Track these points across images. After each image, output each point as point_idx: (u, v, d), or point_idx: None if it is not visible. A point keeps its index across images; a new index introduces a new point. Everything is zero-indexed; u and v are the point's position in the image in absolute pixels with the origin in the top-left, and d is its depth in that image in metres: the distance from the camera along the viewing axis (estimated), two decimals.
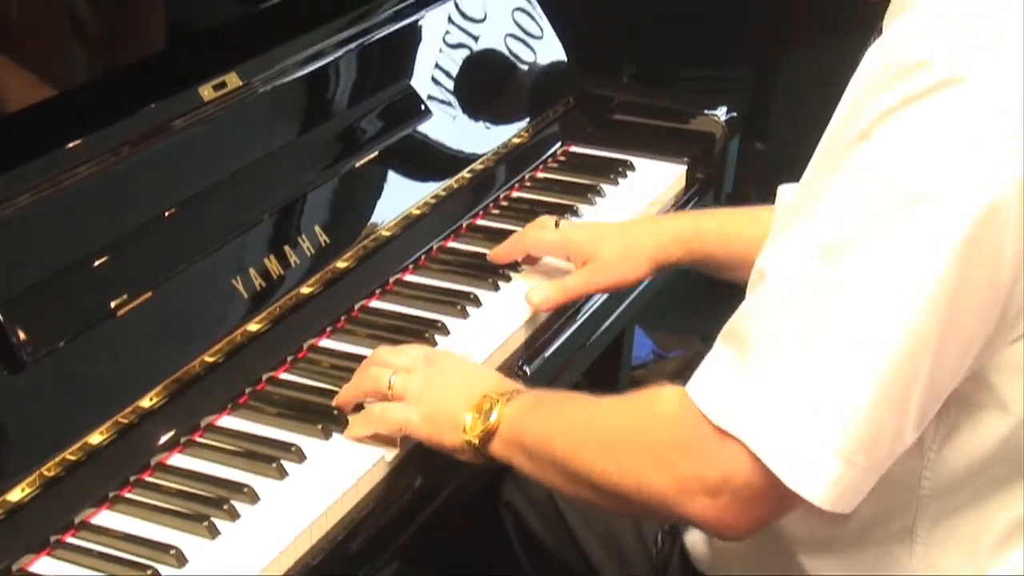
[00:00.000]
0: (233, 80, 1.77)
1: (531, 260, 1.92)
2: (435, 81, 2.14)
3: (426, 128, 2.07)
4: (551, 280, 1.83)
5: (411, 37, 2.14)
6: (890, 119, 1.17)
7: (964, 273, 1.17)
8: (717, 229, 1.80)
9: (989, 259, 1.17)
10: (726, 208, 1.89)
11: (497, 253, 1.90)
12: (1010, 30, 1.18)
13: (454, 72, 2.18)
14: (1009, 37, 1.18)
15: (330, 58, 1.95)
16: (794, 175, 1.44)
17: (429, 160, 2.07)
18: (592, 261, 1.81)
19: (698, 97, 2.49)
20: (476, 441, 1.46)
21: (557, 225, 1.88)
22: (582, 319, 1.90)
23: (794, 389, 1.20)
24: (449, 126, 2.12)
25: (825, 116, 1.32)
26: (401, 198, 1.97)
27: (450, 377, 1.52)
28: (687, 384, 1.29)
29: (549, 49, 2.39)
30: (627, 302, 2.03)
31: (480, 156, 2.14)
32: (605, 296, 1.93)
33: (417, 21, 2.14)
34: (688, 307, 1.86)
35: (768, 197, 2.44)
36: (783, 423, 1.20)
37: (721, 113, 2.33)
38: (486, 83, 2.27)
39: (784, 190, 1.48)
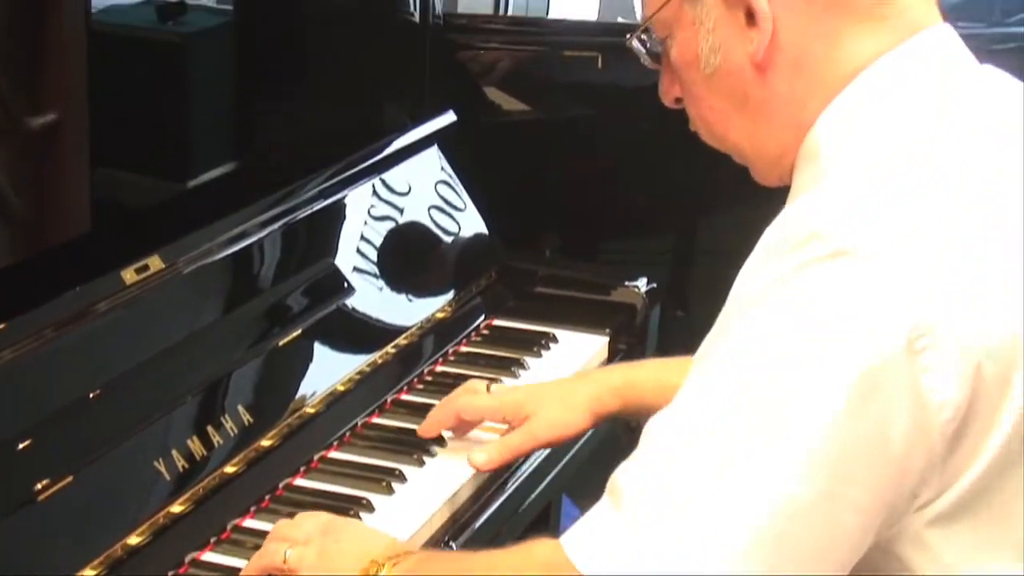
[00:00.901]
0: (156, 263, 1.78)
1: (459, 430, 1.92)
2: (360, 255, 2.16)
3: (351, 304, 2.09)
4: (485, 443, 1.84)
5: (335, 214, 2.17)
6: (782, 284, 1.20)
7: (850, 437, 1.17)
8: (651, 379, 1.82)
9: (876, 424, 1.17)
10: (656, 359, 1.93)
11: (426, 427, 1.90)
12: (900, 207, 1.21)
13: (378, 246, 2.21)
14: (899, 215, 1.20)
15: (254, 238, 1.98)
16: None
17: (354, 336, 2.09)
18: (531, 419, 1.82)
19: (619, 268, 2.53)
20: None
21: (489, 389, 1.89)
22: (510, 490, 1.90)
23: (656, 543, 1.20)
24: (374, 301, 2.14)
25: None
26: (326, 375, 1.98)
27: (344, 545, 1.53)
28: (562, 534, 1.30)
29: (471, 222, 2.43)
30: (555, 472, 2.04)
31: (404, 331, 2.16)
32: (532, 467, 1.94)
33: (342, 199, 2.17)
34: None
35: None
36: (644, 572, 1.20)
37: (642, 284, 2.37)
38: (410, 257, 2.30)
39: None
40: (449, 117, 2.45)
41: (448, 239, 2.38)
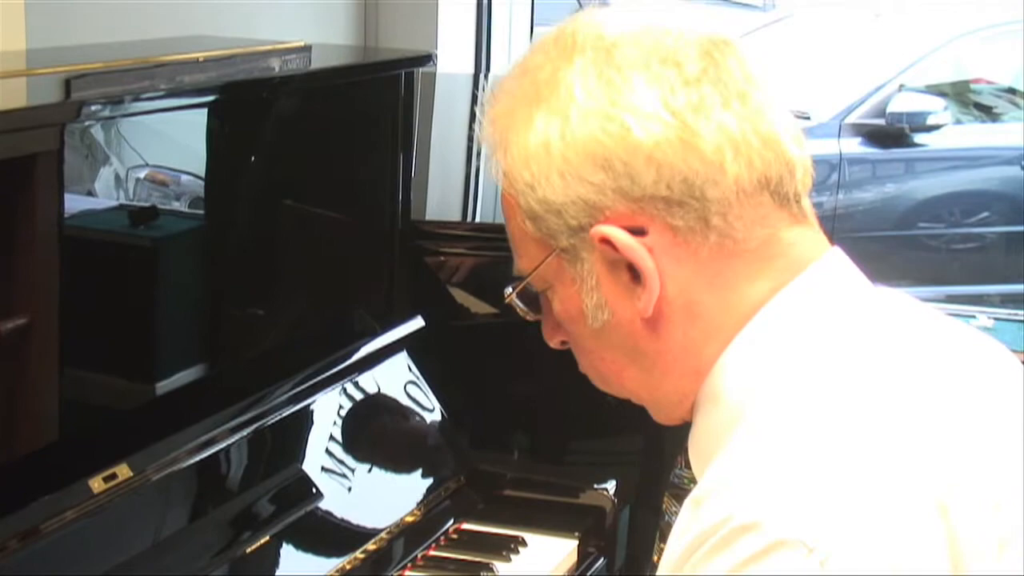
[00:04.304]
0: (124, 471, 1.77)
1: None
2: (328, 459, 2.16)
3: (319, 509, 2.07)
4: None
5: (304, 419, 2.17)
6: None
7: None
8: None
9: None
10: None
11: None
12: (835, 485, 1.12)
13: (347, 450, 2.21)
14: (834, 493, 1.11)
15: (223, 444, 1.97)
16: None
17: (323, 541, 2.07)
18: None
19: (588, 470, 2.53)
20: None
21: None
22: None
23: None
24: (343, 506, 2.12)
25: None
26: None
27: None
28: None
29: (440, 425, 2.42)
30: None
31: (374, 535, 2.14)
32: None
33: (310, 405, 2.17)
34: None
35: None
36: None
37: (611, 487, 2.37)
38: (379, 461, 2.29)
39: None
40: (417, 323, 2.47)
41: (417, 442, 2.37)
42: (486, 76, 3.98)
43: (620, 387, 1.36)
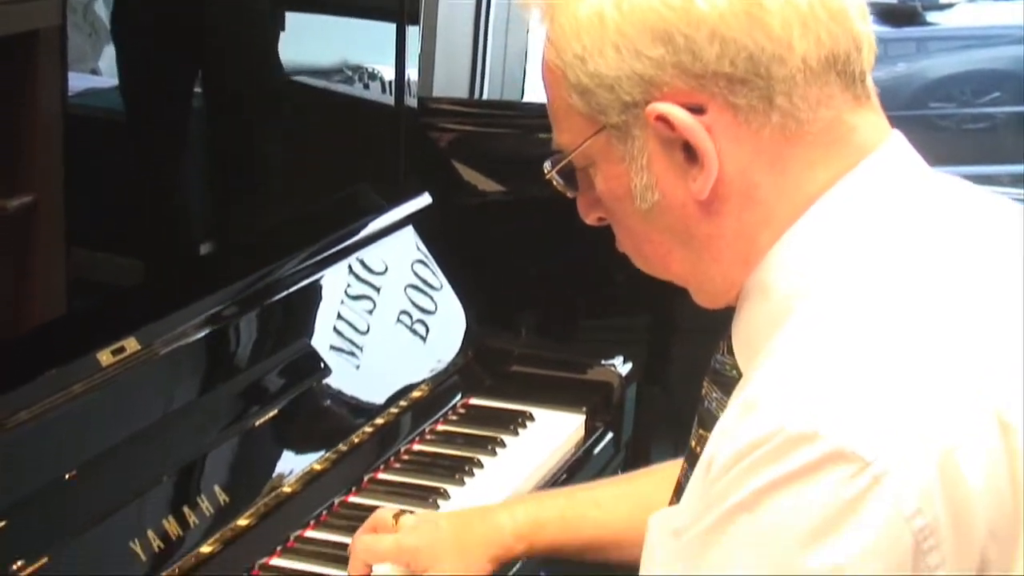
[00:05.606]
0: (132, 344, 1.78)
1: None
2: (336, 335, 2.17)
3: (327, 384, 2.09)
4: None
5: (312, 295, 2.18)
6: (775, 494, 1.07)
7: None
8: (557, 519, 1.71)
9: None
10: (568, 489, 1.84)
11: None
12: (893, 395, 1.07)
13: (355, 326, 2.22)
14: (892, 404, 1.07)
15: (231, 319, 1.98)
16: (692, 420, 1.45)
17: (330, 416, 2.09)
18: (430, 570, 1.67)
19: (596, 347, 2.54)
20: None
21: (397, 519, 1.73)
22: None
23: None
24: (350, 381, 2.14)
25: None
26: (302, 454, 1.98)
27: None
28: None
29: (447, 302, 2.43)
30: None
31: (381, 410, 2.16)
32: None
33: (318, 280, 2.18)
34: None
35: (666, 441, 2.47)
36: None
37: (618, 363, 2.38)
38: (386, 337, 2.30)
39: (654, 522, 1.31)
40: (424, 199, 2.47)
41: (424, 319, 2.38)
42: None
43: (664, 270, 1.31)
